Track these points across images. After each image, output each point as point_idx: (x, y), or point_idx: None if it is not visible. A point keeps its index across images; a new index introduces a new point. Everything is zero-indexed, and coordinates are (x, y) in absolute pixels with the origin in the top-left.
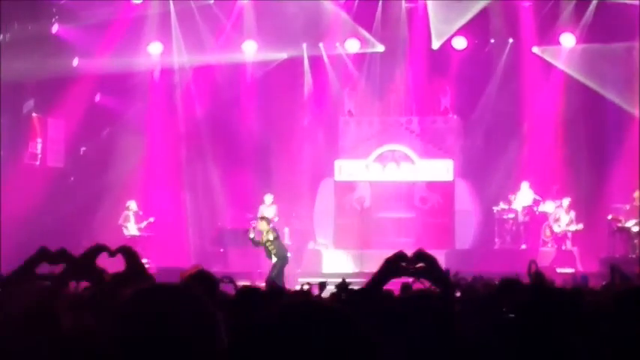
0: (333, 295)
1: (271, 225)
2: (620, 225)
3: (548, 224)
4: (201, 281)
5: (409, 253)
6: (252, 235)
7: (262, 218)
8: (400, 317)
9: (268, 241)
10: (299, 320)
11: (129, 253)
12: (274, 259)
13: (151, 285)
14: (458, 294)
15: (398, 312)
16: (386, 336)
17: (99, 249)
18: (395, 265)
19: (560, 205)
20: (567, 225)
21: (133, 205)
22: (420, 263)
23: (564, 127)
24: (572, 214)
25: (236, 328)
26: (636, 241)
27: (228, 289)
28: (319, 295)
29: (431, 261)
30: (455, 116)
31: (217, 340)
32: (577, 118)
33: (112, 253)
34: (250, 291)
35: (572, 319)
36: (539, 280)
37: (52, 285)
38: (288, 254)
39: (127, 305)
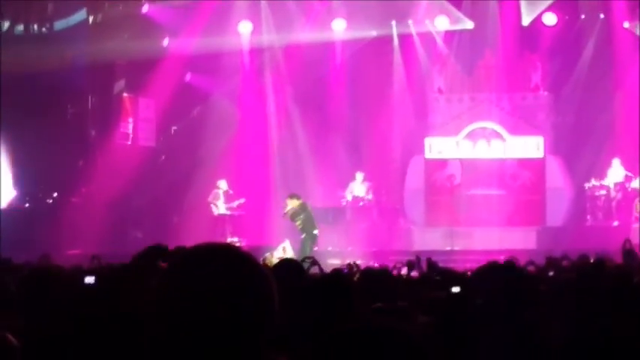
0: (424, 275)
1: (301, 200)
2: None
3: None
4: (288, 266)
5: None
6: (292, 217)
7: (292, 195)
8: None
9: (298, 217)
10: (365, 348)
11: None
12: (303, 235)
13: (196, 247)
14: (551, 273)
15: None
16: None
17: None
18: None
19: None
20: None
21: (223, 184)
22: None
23: None
24: None
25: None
26: None
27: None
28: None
29: None
30: (545, 92)
31: (269, 302)
32: None
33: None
34: (339, 276)
35: None
36: (630, 257)
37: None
38: (316, 231)
39: (174, 266)
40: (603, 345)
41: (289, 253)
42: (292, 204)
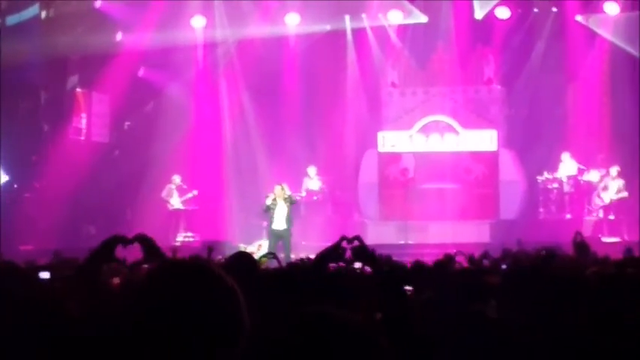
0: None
1: (289, 192)
2: None
3: (598, 193)
4: (241, 261)
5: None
6: (269, 202)
7: (280, 185)
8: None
9: (288, 204)
10: (315, 338)
11: (144, 241)
12: (286, 225)
13: (166, 263)
14: (504, 266)
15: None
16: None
17: (117, 240)
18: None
19: (608, 174)
20: (616, 193)
21: (177, 179)
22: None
23: (609, 95)
24: (621, 182)
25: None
26: None
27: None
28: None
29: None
30: (498, 86)
31: (238, 321)
32: (621, 86)
33: (128, 242)
34: (298, 268)
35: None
36: (582, 250)
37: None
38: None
39: (142, 285)
40: (556, 337)
41: (263, 252)
42: (280, 194)
